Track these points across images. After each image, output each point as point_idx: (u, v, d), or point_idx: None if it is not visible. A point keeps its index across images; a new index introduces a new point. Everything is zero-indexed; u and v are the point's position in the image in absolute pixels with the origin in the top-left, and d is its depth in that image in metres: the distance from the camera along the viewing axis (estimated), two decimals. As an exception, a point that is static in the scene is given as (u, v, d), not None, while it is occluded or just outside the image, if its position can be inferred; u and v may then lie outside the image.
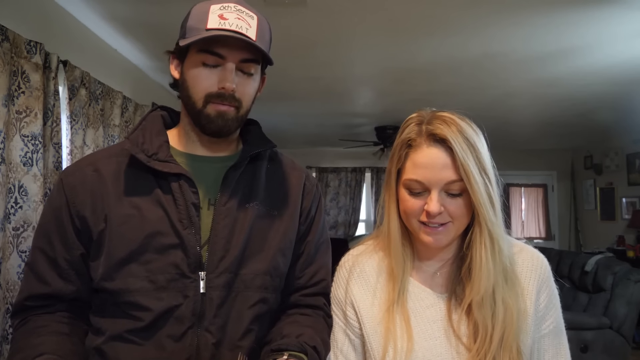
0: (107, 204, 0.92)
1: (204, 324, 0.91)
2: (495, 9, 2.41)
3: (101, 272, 0.90)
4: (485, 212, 0.87)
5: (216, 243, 0.93)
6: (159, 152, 0.94)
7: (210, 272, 0.92)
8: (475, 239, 0.90)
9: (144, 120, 1.00)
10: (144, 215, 0.91)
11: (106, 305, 0.92)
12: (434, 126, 0.87)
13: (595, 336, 3.52)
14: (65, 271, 0.93)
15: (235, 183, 0.98)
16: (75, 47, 2.47)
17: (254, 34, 0.91)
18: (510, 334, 0.86)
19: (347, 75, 3.65)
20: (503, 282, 0.89)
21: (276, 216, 1.01)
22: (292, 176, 1.07)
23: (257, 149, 1.01)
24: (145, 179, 0.93)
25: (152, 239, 0.90)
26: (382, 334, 0.92)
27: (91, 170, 0.95)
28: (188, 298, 0.90)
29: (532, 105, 4.53)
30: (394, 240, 0.94)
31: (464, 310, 0.90)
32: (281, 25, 2.60)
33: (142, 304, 0.89)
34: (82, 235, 0.93)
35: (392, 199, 0.93)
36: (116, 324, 0.90)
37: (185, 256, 0.91)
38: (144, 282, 0.89)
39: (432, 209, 0.86)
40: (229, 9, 0.91)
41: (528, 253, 0.96)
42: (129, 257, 0.90)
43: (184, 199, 0.92)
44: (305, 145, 7.23)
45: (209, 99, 0.92)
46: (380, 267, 0.98)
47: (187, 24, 0.93)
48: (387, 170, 0.94)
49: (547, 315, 0.93)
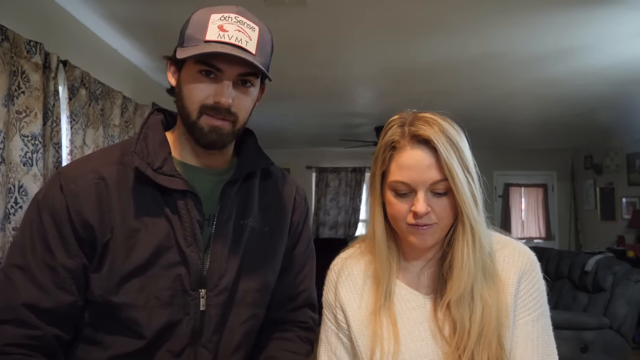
0: (114, 216, 0.89)
1: (201, 341, 0.92)
2: (495, 9, 2.41)
3: (104, 285, 0.88)
4: (469, 210, 0.88)
5: (216, 261, 0.94)
6: (164, 166, 0.92)
7: (210, 290, 0.92)
8: (458, 236, 0.90)
9: (144, 127, 0.97)
10: (150, 230, 0.90)
11: (106, 319, 0.90)
12: (416, 127, 0.88)
13: (595, 336, 3.52)
14: (64, 281, 0.87)
15: (232, 200, 0.97)
16: (75, 47, 2.47)
17: (254, 47, 0.89)
18: (489, 331, 0.87)
19: (347, 75, 3.66)
20: (482, 279, 0.90)
21: (267, 232, 1.02)
22: (283, 191, 1.08)
23: (252, 167, 1.01)
24: (151, 193, 0.91)
25: (158, 254, 0.89)
26: (369, 337, 0.92)
27: (95, 177, 0.90)
28: (189, 315, 0.91)
29: (532, 105, 4.53)
30: (379, 243, 0.95)
31: (445, 308, 0.91)
32: (281, 25, 2.60)
33: (145, 319, 0.88)
34: (85, 245, 0.88)
35: (377, 202, 0.94)
36: (119, 341, 0.89)
37: (187, 272, 0.91)
38: (149, 297, 0.89)
39: (420, 209, 0.86)
40: (230, 19, 0.88)
41: (511, 248, 0.96)
42: (134, 272, 0.88)
43: (189, 216, 0.92)
44: (305, 145, 7.24)
45: (204, 110, 0.89)
46: (367, 270, 0.99)
47: (187, 31, 0.90)
48: (372, 173, 0.94)
49: (525, 307, 0.92)
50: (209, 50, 0.84)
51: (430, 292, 0.96)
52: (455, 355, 0.88)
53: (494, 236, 0.96)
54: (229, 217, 0.96)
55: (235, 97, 0.90)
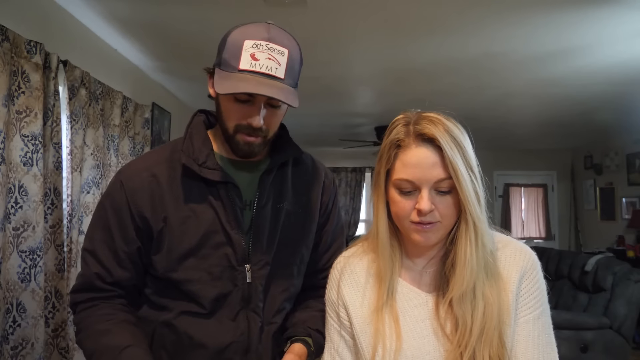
0: (166, 207, 1.06)
1: (251, 307, 1.07)
2: (495, 9, 2.41)
3: (164, 264, 1.06)
4: (473, 208, 0.89)
5: (258, 240, 1.08)
6: (207, 161, 1.07)
7: (254, 265, 1.08)
8: (461, 235, 0.91)
9: (189, 128, 1.12)
10: (199, 217, 1.05)
11: (170, 289, 1.07)
12: (421, 126, 0.89)
13: (595, 336, 3.52)
14: (123, 261, 1.07)
15: (269, 187, 1.11)
16: (75, 47, 2.48)
17: (283, 72, 0.99)
18: (490, 328, 0.88)
19: (347, 75, 3.66)
20: (484, 277, 0.91)
21: (301, 213, 1.16)
22: (313, 176, 1.22)
23: (285, 157, 1.14)
24: (197, 185, 1.07)
25: (207, 237, 1.05)
26: (371, 334, 0.93)
27: (148, 175, 1.08)
28: (237, 287, 1.06)
29: (532, 105, 4.53)
30: (382, 241, 0.96)
31: (447, 305, 0.92)
32: (281, 25, 2.60)
33: (201, 291, 1.05)
34: (141, 232, 1.06)
35: (381, 200, 0.95)
36: (182, 305, 1.06)
37: (233, 251, 1.06)
38: (202, 273, 1.05)
39: (424, 207, 0.87)
40: (261, 47, 0.98)
41: (512, 247, 0.97)
42: (189, 252, 1.05)
43: (231, 203, 1.06)
44: (305, 145, 7.10)
45: (239, 129, 1.03)
46: (370, 268, 1.00)
47: (223, 54, 1.00)
48: (376, 171, 0.96)
49: (526, 305, 0.93)
50: (241, 91, 0.96)
51: (432, 290, 0.97)
52: (457, 353, 0.88)
53: (496, 236, 0.97)
54: (267, 202, 1.10)
55: (265, 117, 1.03)
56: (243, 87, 0.96)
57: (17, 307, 1.84)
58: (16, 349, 1.83)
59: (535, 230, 7.44)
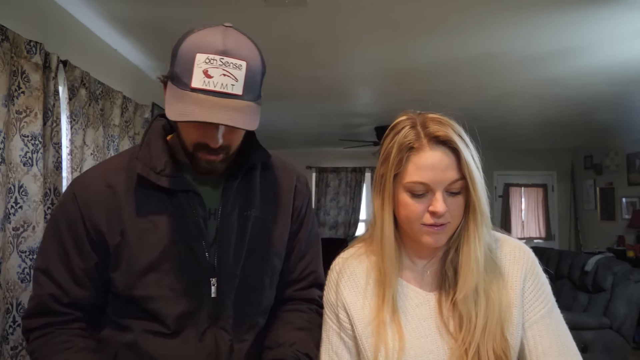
0: (123, 219, 0.98)
1: (219, 324, 1.00)
2: (495, 9, 2.41)
3: (124, 281, 0.98)
4: (484, 207, 0.91)
5: (224, 251, 1.01)
6: (166, 168, 0.99)
7: (220, 278, 1.00)
8: (470, 234, 0.92)
9: (147, 134, 1.05)
10: (158, 229, 0.98)
11: (131, 308, 0.99)
12: (433, 129, 0.89)
13: (595, 336, 3.52)
14: (80, 279, 0.99)
15: (234, 193, 1.04)
16: (75, 47, 2.47)
17: (240, 88, 0.89)
18: (493, 323, 0.89)
19: (347, 75, 3.65)
20: (485, 274, 0.92)
21: (270, 220, 1.08)
22: (283, 180, 1.13)
23: (252, 161, 1.06)
24: (156, 195, 0.99)
25: (168, 250, 0.98)
26: (374, 334, 0.93)
27: (104, 185, 1.00)
28: (203, 303, 0.99)
29: (532, 105, 4.53)
30: (388, 244, 0.95)
31: (451, 304, 0.93)
32: (281, 25, 2.61)
33: (164, 309, 0.98)
34: (98, 247, 0.99)
35: (388, 203, 0.93)
36: (145, 325, 0.99)
37: (197, 265, 0.99)
38: (164, 289, 0.98)
39: (440, 209, 0.87)
40: (215, 62, 0.88)
41: (510, 245, 0.99)
42: (149, 267, 0.97)
43: (192, 213, 0.99)
44: (305, 145, 7.23)
45: (198, 148, 0.96)
46: (370, 271, 1.00)
47: (175, 67, 0.91)
48: (380, 174, 0.94)
49: (537, 302, 0.95)
50: (192, 119, 0.87)
51: (433, 289, 0.97)
52: (462, 350, 0.89)
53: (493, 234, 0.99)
54: (233, 209, 1.03)
55: (225, 134, 0.95)
56: (194, 115, 0.86)
57: (17, 307, 1.84)
58: (16, 349, 1.83)
59: (535, 230, 7.44)
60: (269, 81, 1.06)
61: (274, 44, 2.89)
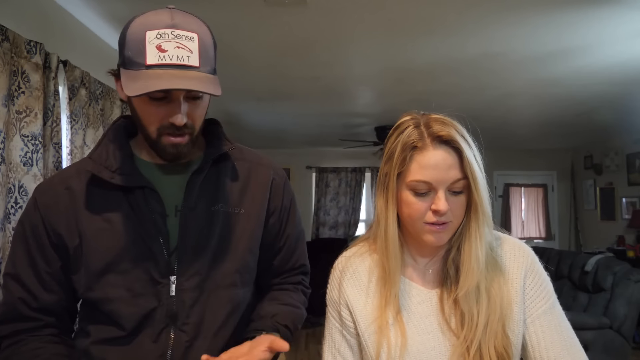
0: (80, 221, 0.97)
1: (177, 324, 0.97)
2: (495, 9, 2.41)
3: (83, 283, 0.97)
4: (486, 206, 0.92)
5: (184, 248, 0.98)
6: (123, 166, 0.98)
7: (180, 276, 0.98)
8: (471, 233, 0.93)
9: (106, 135, 1.03)
10: (115, 228, 0.97)
11: (92, 312, 0.99)
12: (436, 128, 0.90)
13: (595, 336, 3.52)
14: (48, 283, 0.98)
15: (199, 188, 1.01)
16: (75, 47, 2.47)
17: (196, 59, 0.88)
18: (494, 321, 0.90)
19: (347, 75, 3.65)
20: (486, 272, 0.93)
21: (242, 214, 1.05)
22: (257, 173, 1.10)
23: (217, 152, 1.04)
24: (113, 194, 0.98)
25: (125, 250, 0.96)
26: (376, 332, 0.94)
27: (63, 188, 0.99)
28: (161, 301, 0.96)
29: (532, 105, 4.53)
30: (392, 243, 0.96)
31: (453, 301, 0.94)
32: (281, 25, 2.61)
33: (122, 311, 0.96)
34: (59, 250, 0.98)
35: (391, 202, 0.94)
36: (101, 329, 0.97)
37: (155, 264, 0.97)
38: (122, 290, 0.96)
39: (442, 208, 0.88)
40: (167, 36, 0.87)
41: (511, 244, 1.00)
42: (106, 268, 0.96)
43: (149, 209, 0.97)
44: (305, 145, 7.23)
45: (162, 130, 0.94)
46: (373, 269, 1.01)
47: (125, 52, 0.90)
48: (384, 173, 0.95)
49: (538, 298, 0.96)
50: (154, 89, 0.84)
51: (435, 286, 0.99)
52: (464, 347, 0.90)
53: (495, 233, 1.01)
54: (197, 204, 1.00)
55: (188, 112, 0.93)
56: (155, 85, 0.84)
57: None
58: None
59: (535, 230, 7.44)
60: (269, 81, 1.07)
61: (274, 44, 2.89)
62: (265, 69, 3.35)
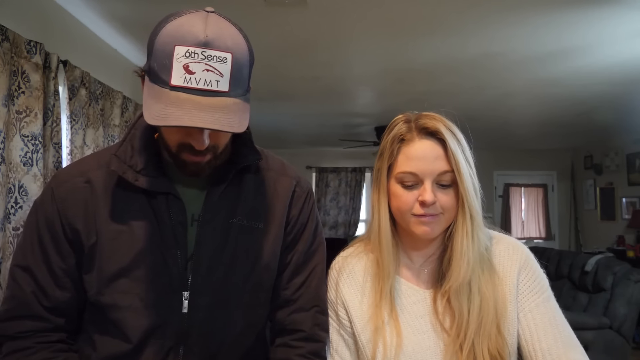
0: (99, 219, 0.91)
1: (187, 343, 0.92)
2: (495, 9, 2.41)
3: (95, 285, 0.91)
4: (472, 200, 0.92)
5: (200, 264, 0.92)
6: (148, 167, 0.91)
7: (193, 292, 0.92)
8: (458, 227, 0.94)
9: (132, 130, 0.96)
10: (134, 233, 0.91)
11: (98, 317, 0.93)
12: (423, 122, 0.92)
13: (595, 336, 3.52)
14: (61, 279, 0.92)
15: (219, 199, 0.94)
16: (75, 47, 2.47)
17: (226, 84, 0.79)
18: (488, 322, 0.90)
19: (347, 75, 3.65)
20: (480, 271, 0.93)
21: (261, 230, 0.98)
22: (280, 184, 1.02)
23: (243, 163, 0.96)
24: (136, 197, 0.92)
25: (142, 257, 0.90)
26: (372, 331, 0.95)
27: (82, 181, 0.93)
28: (171, 317, 0.91)
29: (532, 105, 4.53)
30: (385, 236, 0.97)
31: (445, 300, 0.94)
32: (281, 25, 2.60)
33: (129, 321, 0.90)
34: (75, 246, 0.92)
35: (383, 196, 0.96)
36: (107, 343, 0.91)
37: (170, 275, 0.91)
38: (134, 298, 0.90)
39: (427, 198, 0.89)
40: (196, 56, 0.77)
41: (506, 243, 1.00)
42: (119, 273, 0.90)
43: (170, 217, 0.91)
44: (305, 145, 7.23)
45: (182, 148, 0.86)
46: (368, 268, 1.01)
47: (151, 62, 0.82)
48: (377, 168, 0.98)
49: (532, 292, 0.96)
50: (172, 124, 0.77)
51: (430, 286, 0.99)
52: (456, 345, 0.90)
53: (489, 232, 1.01)
54: (214, 216, 0.94)
55: (211, 135, 0.85)
56: (174, 118, 0.76)
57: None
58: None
59: (535, 230, 7.44)
60: (269, 81, 1.06)
61: (274, 44, 2.89)
62: (265, 69, 3.35)
